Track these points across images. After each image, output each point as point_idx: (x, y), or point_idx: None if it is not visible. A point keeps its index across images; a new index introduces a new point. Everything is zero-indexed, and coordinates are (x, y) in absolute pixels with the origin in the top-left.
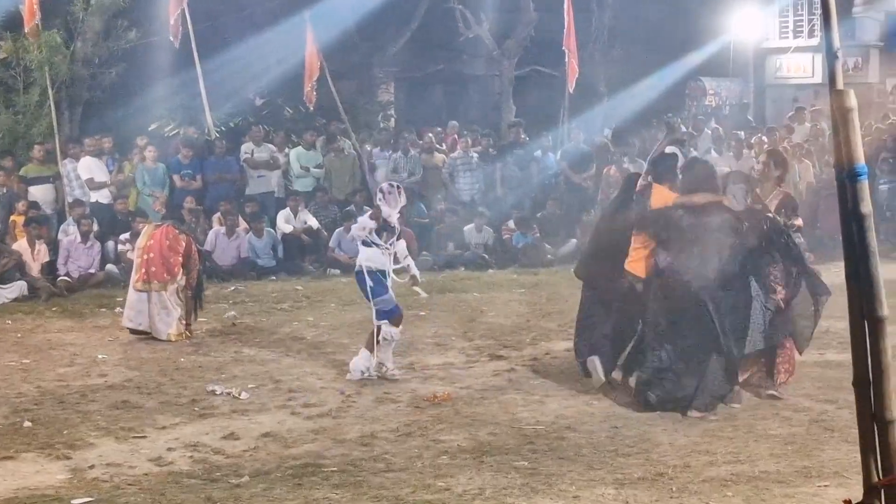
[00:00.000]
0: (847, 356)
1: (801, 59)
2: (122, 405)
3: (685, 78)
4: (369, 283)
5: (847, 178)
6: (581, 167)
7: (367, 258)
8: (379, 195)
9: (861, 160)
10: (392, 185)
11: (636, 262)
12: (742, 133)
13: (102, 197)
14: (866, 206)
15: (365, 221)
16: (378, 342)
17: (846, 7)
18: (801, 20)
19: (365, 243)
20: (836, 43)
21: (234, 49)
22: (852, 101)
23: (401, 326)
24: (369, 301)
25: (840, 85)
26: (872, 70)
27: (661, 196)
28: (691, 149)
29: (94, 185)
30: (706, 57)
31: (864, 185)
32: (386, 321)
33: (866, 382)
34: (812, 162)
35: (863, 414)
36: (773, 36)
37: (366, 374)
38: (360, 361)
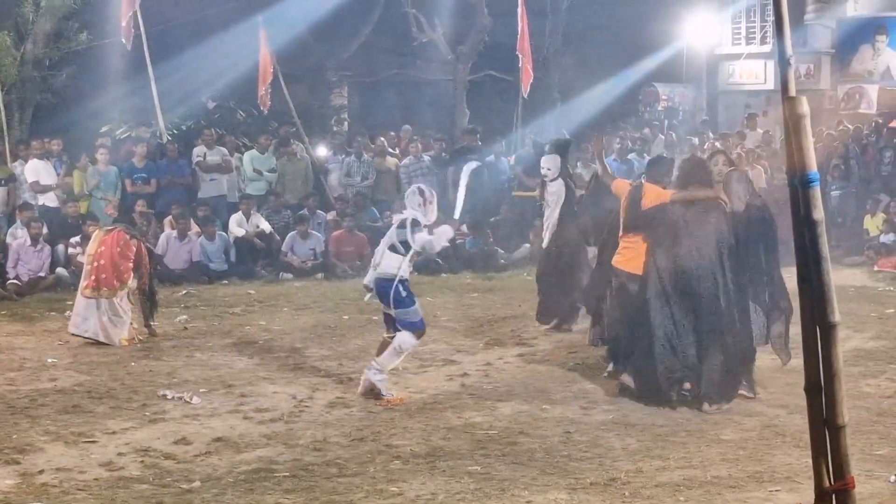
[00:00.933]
0: (799, 361)
1: (754, 65)
2: (73, 410)
3: (639, 83)
4: (403, 292)
5: (799, 185)
6: (535, 172)
7: (401, 267)
8: (419, 199)
9: (813, 167)
10: (432, 192)
11: (631, 261)
12: (696, 139)
13: (49, 200)
14: (818, 213)
15: (448, 232)
16: (393, 349)
17: (798, 14)
18: (754, 27)
19: (395, 250)
20: (789, 50)
21: (187, 52)
22: (805, 107)
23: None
24: (391, 309)
25: (792, 92)
26: (824, 77)
27: (656, 194)
28: (644, 155)
29: (39, 188)
30: (660, 63)
31: (816, 191)
32: (410, 332)
33: (818, 388)
34: (764, 167)
35: (815, 419)
36: (725, 42)
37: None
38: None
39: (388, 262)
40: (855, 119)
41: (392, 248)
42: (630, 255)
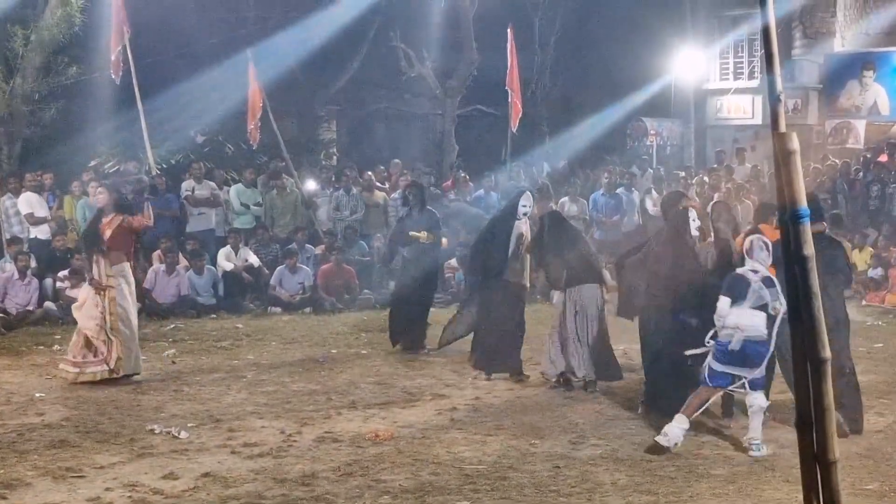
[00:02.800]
0: (787, 395)
1: (742, 100)
2: (60, 444)
3: (627, 118)
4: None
5: (789, 221)
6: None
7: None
8: (766, 254)
9: (804, 203)
10: (761, 240)
11: None
12: (682, 173)
13: (41, 233)
14: (808, 248)
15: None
16: (756, 416)
17: (786, 50)
18: (742, 62)
19: (764, 309)
20: (779, 85)
21: (176, 86)
22: (794, 143)
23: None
24: (751, 371)
25: (783, 127)
26: (812, 112)
27: (772, 234)
28: (633, 189)
29: (33, 221)
30: (648, 97)
31: (807, 227)
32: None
33: (809, 423)
34: (753, 202)
35: (805, 455)
36: (713, 77)
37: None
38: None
39: (758, 322)
40: (842, 154)
41: (760, 307)
42: None
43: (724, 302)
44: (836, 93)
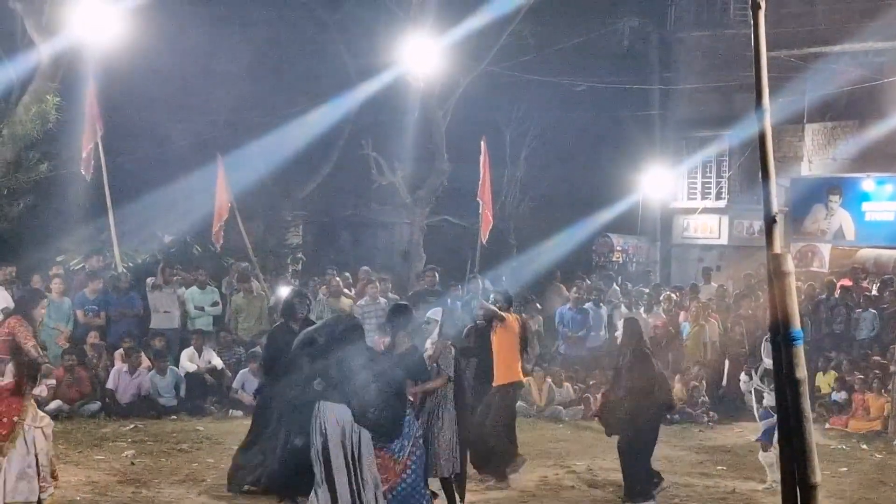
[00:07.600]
0: None
1: (709, 219)
2: None
3: (594, 234)
4: None
5: (782, 342)
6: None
7: None
8: None
9: (797, 325)
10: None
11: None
12: (648, 289)
13: None
14: (801, 371)
15: None
16: None
17: (753, 172)
18: (710, 182)
19: None
20: (775, 207)
21: (146, 185)
22: (789, 265)
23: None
24: None
25: (777, 248)
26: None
27: None
28: (600, 304)
29: None
30: (615, 214)
31: (800, 349)
32: None
33: None
34: (718, 321)
35: None
36: (681, 196)
37: None
38: None
39: None
40: (807, 277)
41: None
42: None
43: None
44: (802, 216)
